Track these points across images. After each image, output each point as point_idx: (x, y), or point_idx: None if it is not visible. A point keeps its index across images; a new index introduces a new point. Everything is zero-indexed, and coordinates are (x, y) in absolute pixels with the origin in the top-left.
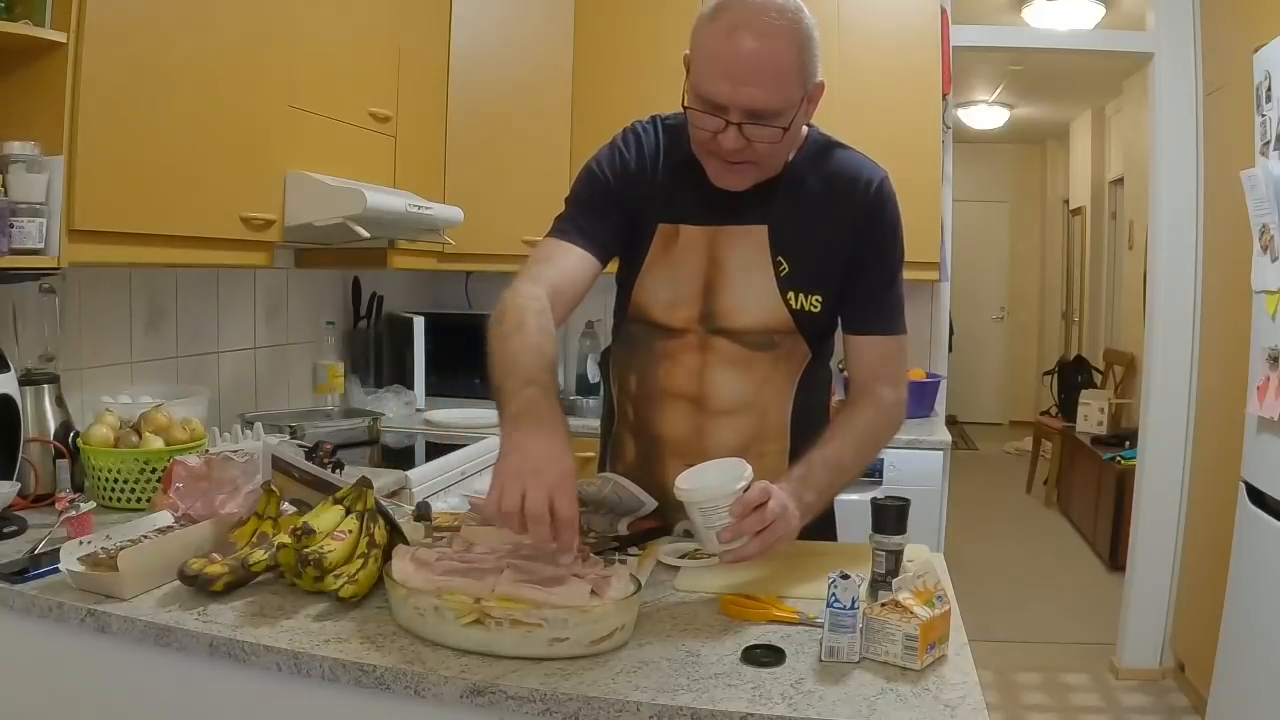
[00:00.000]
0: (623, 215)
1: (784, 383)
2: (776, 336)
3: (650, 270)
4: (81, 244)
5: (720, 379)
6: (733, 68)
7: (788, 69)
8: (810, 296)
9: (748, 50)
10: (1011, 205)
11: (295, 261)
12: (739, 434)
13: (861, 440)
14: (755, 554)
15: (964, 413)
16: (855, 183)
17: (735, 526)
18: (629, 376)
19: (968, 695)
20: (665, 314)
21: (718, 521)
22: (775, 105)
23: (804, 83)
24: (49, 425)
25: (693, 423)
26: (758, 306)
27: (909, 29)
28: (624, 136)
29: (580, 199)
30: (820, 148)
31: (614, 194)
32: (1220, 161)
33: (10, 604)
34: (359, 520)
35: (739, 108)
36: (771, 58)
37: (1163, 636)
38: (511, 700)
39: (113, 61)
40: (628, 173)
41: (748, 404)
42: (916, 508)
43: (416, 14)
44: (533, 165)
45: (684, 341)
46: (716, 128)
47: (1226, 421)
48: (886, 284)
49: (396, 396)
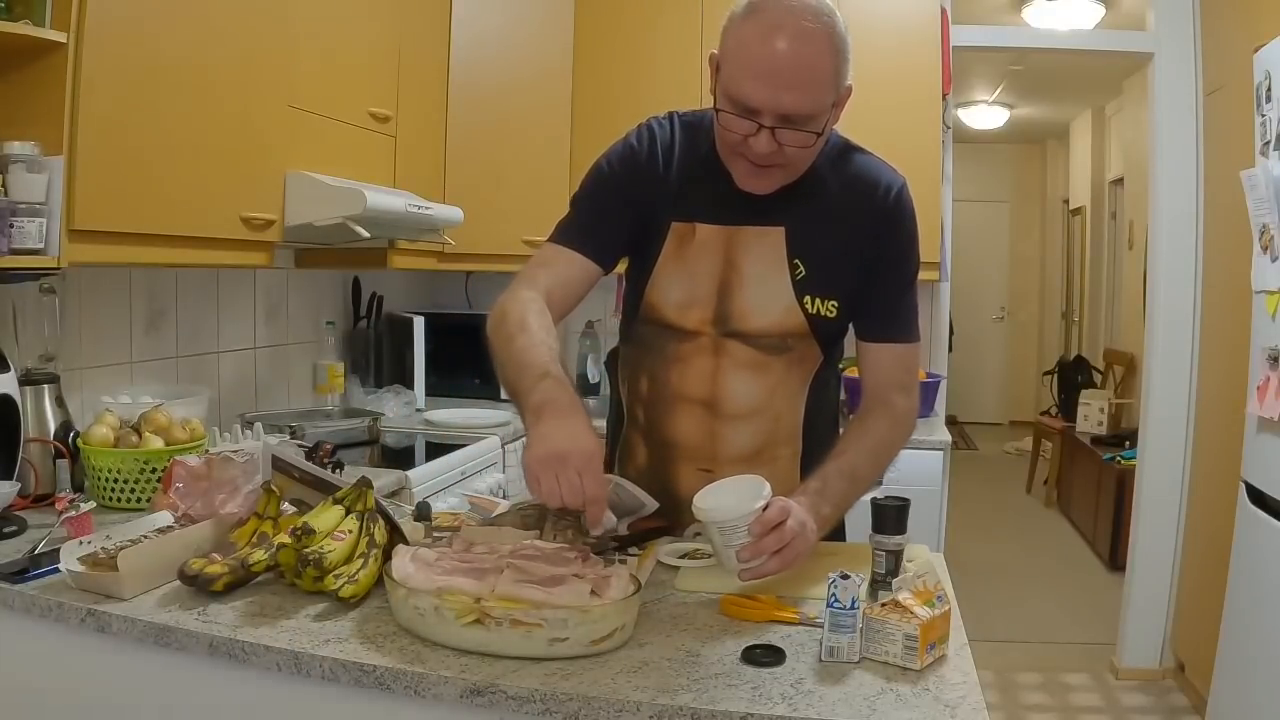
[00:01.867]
0: (632, 212)
1: (797, 386)
2: (791, 340)
3: (663, 269)
4: (81, 244)
5: (734, 383)
6: (770, 72)
7: (823, 74)
8: (827, 301)
9: (784, 54)
10: (1011, 205)
11: (295, 261)
12: (752, 439)
13: (876, 450)
14: (775, 571)
15: (964, 413)
16: (875, 188)
17: (754, 546)
18: (640, 378)
19: (968, 695)
20: (678, 315)
21: (737, 540)
22: (810, 110)
23: (837, 87)
24: (49, 425)
25: (706, 427)
26: (773, 310)
27: (909, 29)
28: (638, 132)
29: (585, 198)
30: (839, 151)
31: (623, 189)
32: (1220, 161)
33: (10, 604)
34: (359, 520)
35: (773, 112)
36: (808, 62)
37: (1163, 636)
38: (511, 700)
39: (113, 61)
40: (639, 167)
41: (761, 408)
42: (916, 508)
43: (416, 14)
44: (533, 165)
45: (697, 344)
46: (748, 131)
47: (1226, 421)
48: (902, 291)
49: (396, 396)
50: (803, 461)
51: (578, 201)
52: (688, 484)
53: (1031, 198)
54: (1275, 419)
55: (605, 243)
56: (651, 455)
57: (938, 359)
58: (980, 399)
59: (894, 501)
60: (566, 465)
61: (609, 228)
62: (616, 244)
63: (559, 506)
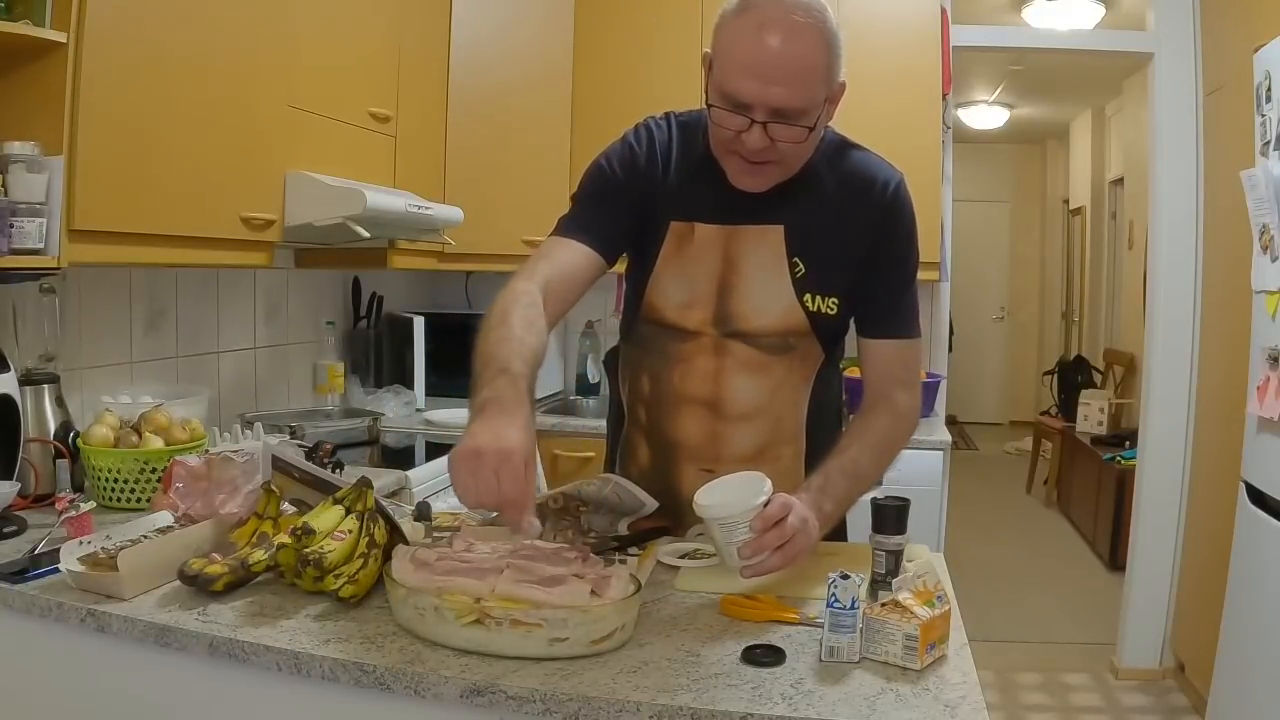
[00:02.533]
0: (631, 211)
1: (799, 385)
2: (793, 339)
3: (664, 269)
4: (81, 244)
5: (736, 383)
6: (760, 67)
7: (815, 69)
8: (827, 299)
9: (776, 49)
10: (1011, 205)
11: (295, 261)
12: (755, 439)
13: (878, 447)
14: (777, 568)
15: (964, 413)
16: (873, 184)
17: (756, 542)
18: (641, 378)
19: (968, 695)
20: (678, 315)
21: (738, 537)
22: (802, 105)
23: (829, 82)
24: (49, 425)
25: (708, 428)
26: (774, 308)
27: (909, 29)
28: (635, 132)
29: (585, 195)
30: (836, 148)
31: (622, 189)
32: (1220, 161)
33: (10, 604)
34: (359, 520)
35: (765, 107)
36: (799, 57)
37: (1163, 636)
38: (511, 700)
39: (113, 61)
40: (638, 168)
41: (763, 408)
42: (916, 508)
43: (416, 14)
44: (533, 165)
45: (698, 344)
46: (741, 127)
47: (1226, 421)
48: (903, 287)
49: (396, 396)
50: (806, 460)
51: (578, 198)
52: (690, 484)
53: (1031, 198)
54: (1275, 419)
55: (607, 236)
56: (654, 455)
57: (938, 359)
58: (980, 399)
59: (894, 501)
60: (483, 463)
61: (610, 222)
62: (618, 238)
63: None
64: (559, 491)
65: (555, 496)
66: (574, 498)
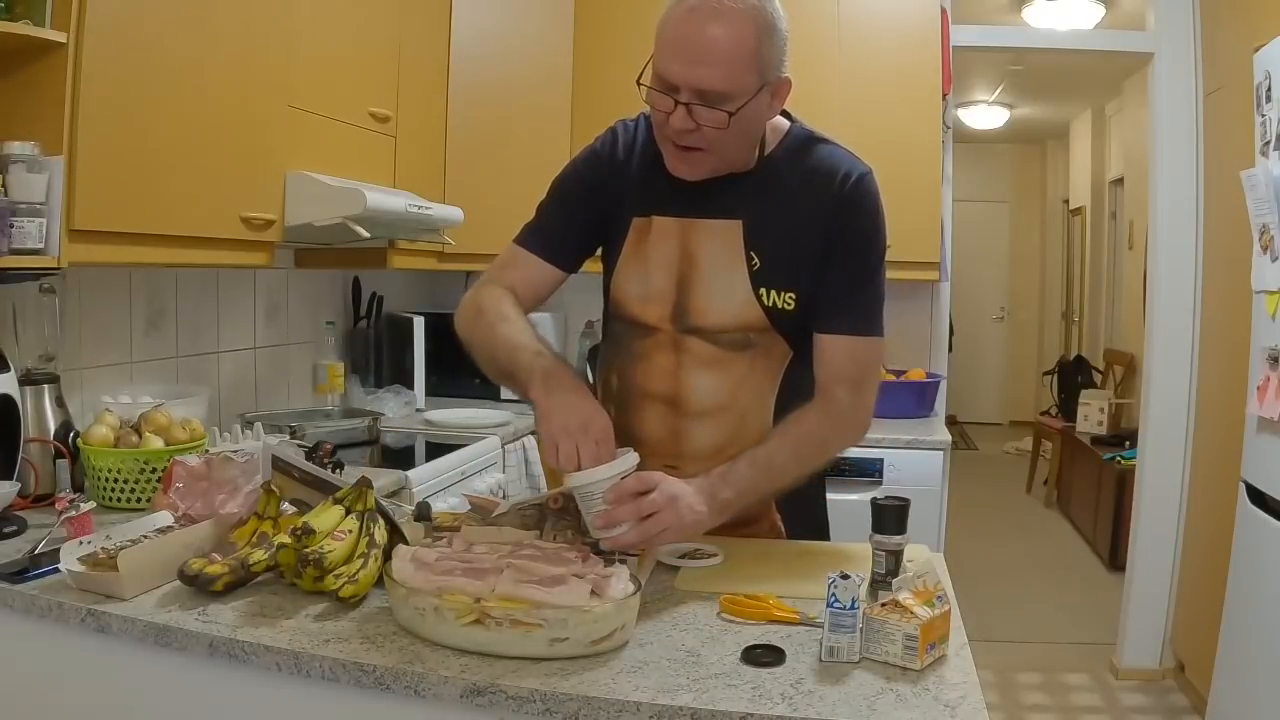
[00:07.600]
0: (594, 210)
1: (764, 383)
2: (753, 335)
3: (625, 264)
4: (81, 244)
5: (695, 380)
6: (685, 48)
7: (740, 53)
8: (784, 294)
9: (701, 31)
10: (1011, 205)
11: (295, 261)
12: (717, 436)
13: (802, 443)
14: (634, 542)
15: (964, 413)
16: (832, 176)
17: (608, 514)
18: (611, 375)
19: (968, 695)
20: (639, 309)
21: (594, 508)
22: (723, 88)
23: (760, 71)
24: (49, 425)
25: (669, 425)
26: (730, 304)
27: (909, 29)
28: (603, 135)
29: (549, 200)
30: (801, 142)
31: (585, 189)
32: (1220, 161)
33: (10, 604)
34: (359, 520)
35: (689, 87)
36: (723, 40)
37: (1163, 636)
38: (511, 700)
39: (113, 61)
40: (600, 166)
41: (725, 405)
42: (916, 508)
43: (416, 14)
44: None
45: (657, 340)
46: (667, 108)
47: (1226, 421)
48: (860, 282)
49: (396, 396)
50: None
51: (542, 204)
52: None
53: (1031, 198)
54: (1275, 419)
55: (564, 246)
56: None
57: (938, 359)
58: (980, 399)
59: (894, 501)
60: (588, 434)
61: (569, 230)
62: (577, 245)
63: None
64: (559, 492)
65: (555, 496)
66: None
